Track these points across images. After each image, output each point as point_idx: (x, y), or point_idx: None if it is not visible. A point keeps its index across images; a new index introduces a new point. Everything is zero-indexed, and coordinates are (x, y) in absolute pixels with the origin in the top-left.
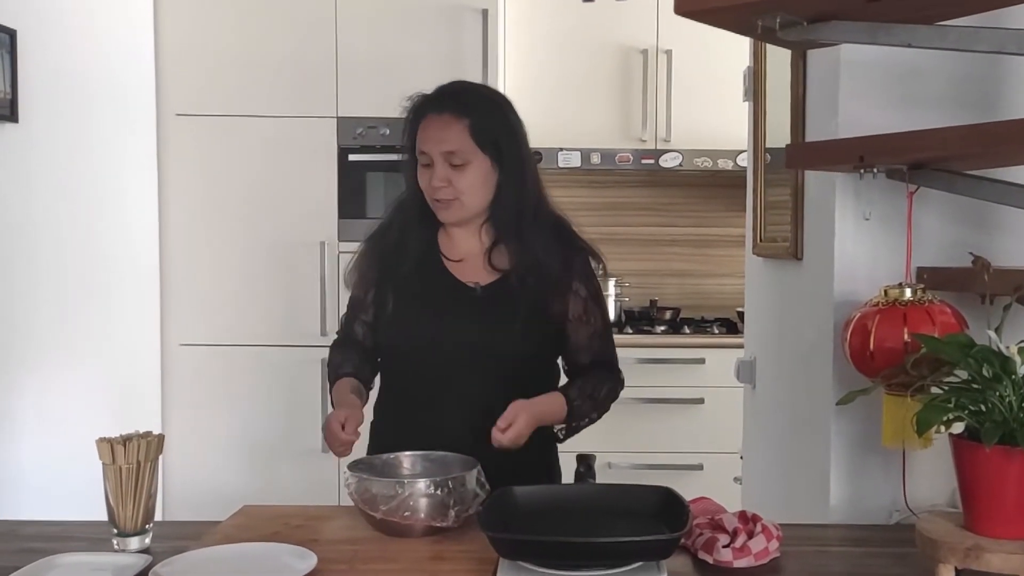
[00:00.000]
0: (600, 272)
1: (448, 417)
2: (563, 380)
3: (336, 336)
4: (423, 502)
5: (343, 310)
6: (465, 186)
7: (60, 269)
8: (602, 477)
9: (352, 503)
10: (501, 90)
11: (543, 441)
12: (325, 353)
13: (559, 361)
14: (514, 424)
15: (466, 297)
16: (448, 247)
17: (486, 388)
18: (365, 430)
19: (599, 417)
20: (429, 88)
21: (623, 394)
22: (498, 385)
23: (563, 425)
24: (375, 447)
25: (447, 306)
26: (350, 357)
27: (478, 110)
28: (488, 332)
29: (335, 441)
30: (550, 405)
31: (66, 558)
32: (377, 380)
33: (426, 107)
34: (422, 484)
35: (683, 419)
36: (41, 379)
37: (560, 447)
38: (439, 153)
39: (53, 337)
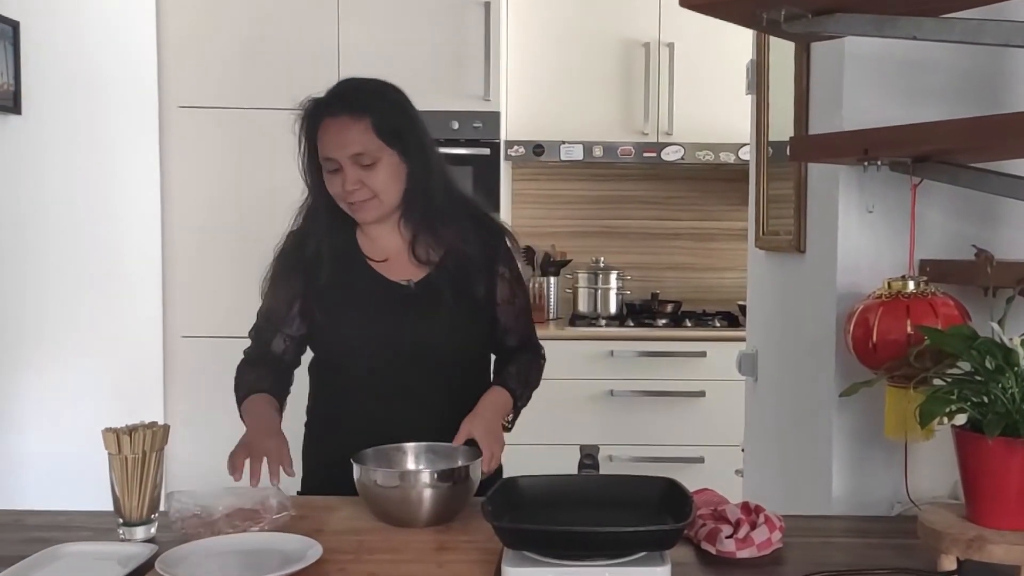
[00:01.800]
0: (522, 255)
1: (390, 417)
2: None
3: (246, 354)
4: (427, 492)
5: None
6: (379, 184)
7: (63, 260)
8: (603, 470)
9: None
10: (503, 83)
11: None
12: None
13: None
14: (474, 436)
15: (399, 296)
16: (370, 248)
17: (427, 383)
18: (293, 425)
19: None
20: (331, 89)
21: (624, 387)
22: (438, 378)
23: (510, 416)
24: (310, 450)
25: (382, 307)
26: (265, 376)
27: (375, 106)
28: (428, 328)
29: (255, 474)
30: (498, 403)
31: (71, 547)
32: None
33: (321, 113)
34: (426, 475)
35: (684, 412)
36: (44, 370)
37: (559, 439)
38: (347, 157)
39: (56, 328)
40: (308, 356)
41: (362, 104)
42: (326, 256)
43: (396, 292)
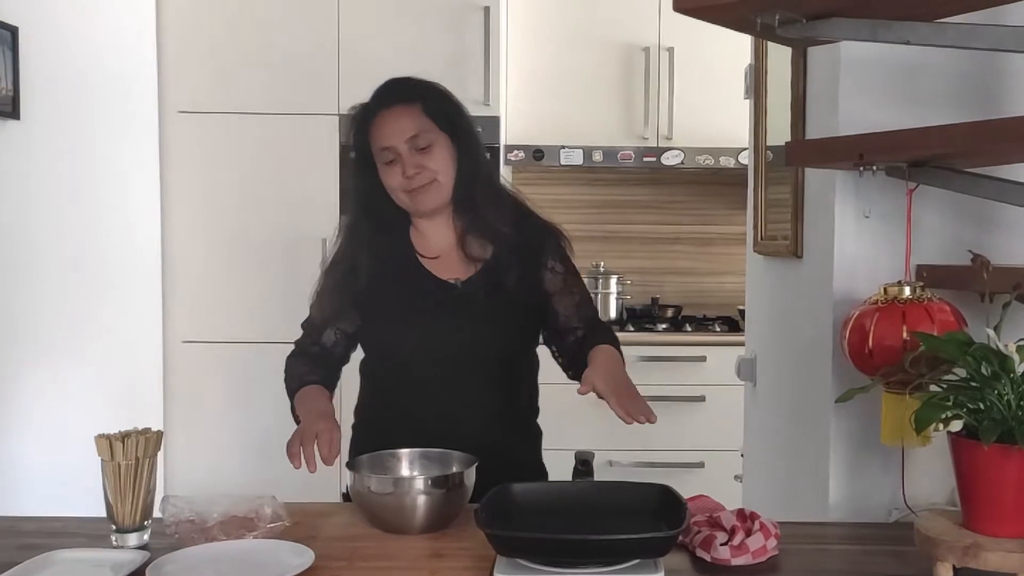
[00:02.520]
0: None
1: (438, 416)
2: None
3: (296, 344)
4: (422, 499)
5: None
6: (438, 165)
7: (62, 266)
8: (604, 475)
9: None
10: (503, 88)
11: (534, 440)
12: None
13: (548, 348)
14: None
15: (447, 295)
16: (422, 245)
17: (474, 382)
18: (346, 435)
19: None
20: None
21: None
22: (485, 377)
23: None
24: (359, 450)
25: (429, 306)
26: (315, 368)
27: (424, 93)
28: (473, 328)
29: (310, 458)
30: (612, 355)
31: (65, 554)
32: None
33: (372, 110)
34: (421, 481)
35: (684, 417)
36: (43, 376)
37: (558, 444)
38: (404, 142)
39: (55, 334)
40: (359, 355)
41: (411, 92)
42: (376, 253)
43: (443, 291)
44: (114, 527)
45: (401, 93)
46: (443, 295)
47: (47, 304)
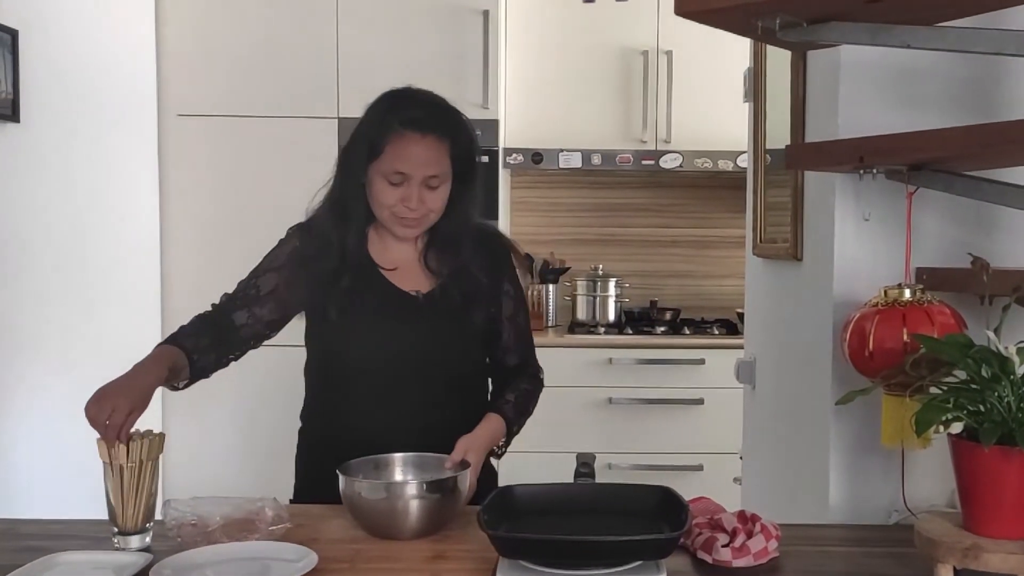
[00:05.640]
0: (526, 268)
1: (386, 425)
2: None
3: (212, 307)
4: (414, 504)
5: None
6: (437, 204)
7: (61, 269)
8: (602, 478)
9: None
10: (502, 91)
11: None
12: None
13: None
14: (468, 460)
15: (409, 305)
16: (380, 255)
17: (424, 394)
18: (291, 434)
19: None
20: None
21: (623, 395)
22: (441, 389)
23: (502, 442)
24: (307, 453)
25: (390, 316)
26: (201, 335)
27: (457, 131)
28: (433, 339)
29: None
30: (494, 432)
31: (66, 556)
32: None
33: (405, 123)
34: (413, 486)
35: (683, 420)
36: (42, 378)
37: (558, 446)
38: (422, 176)
39: (54, 336)
40: (301, 361)
41: (449, 128)
42: (346, 258)
43: (404, 301)
44: (116, 530)
45: (439, 124)
46: (404, 305)
47: (47, 307)
